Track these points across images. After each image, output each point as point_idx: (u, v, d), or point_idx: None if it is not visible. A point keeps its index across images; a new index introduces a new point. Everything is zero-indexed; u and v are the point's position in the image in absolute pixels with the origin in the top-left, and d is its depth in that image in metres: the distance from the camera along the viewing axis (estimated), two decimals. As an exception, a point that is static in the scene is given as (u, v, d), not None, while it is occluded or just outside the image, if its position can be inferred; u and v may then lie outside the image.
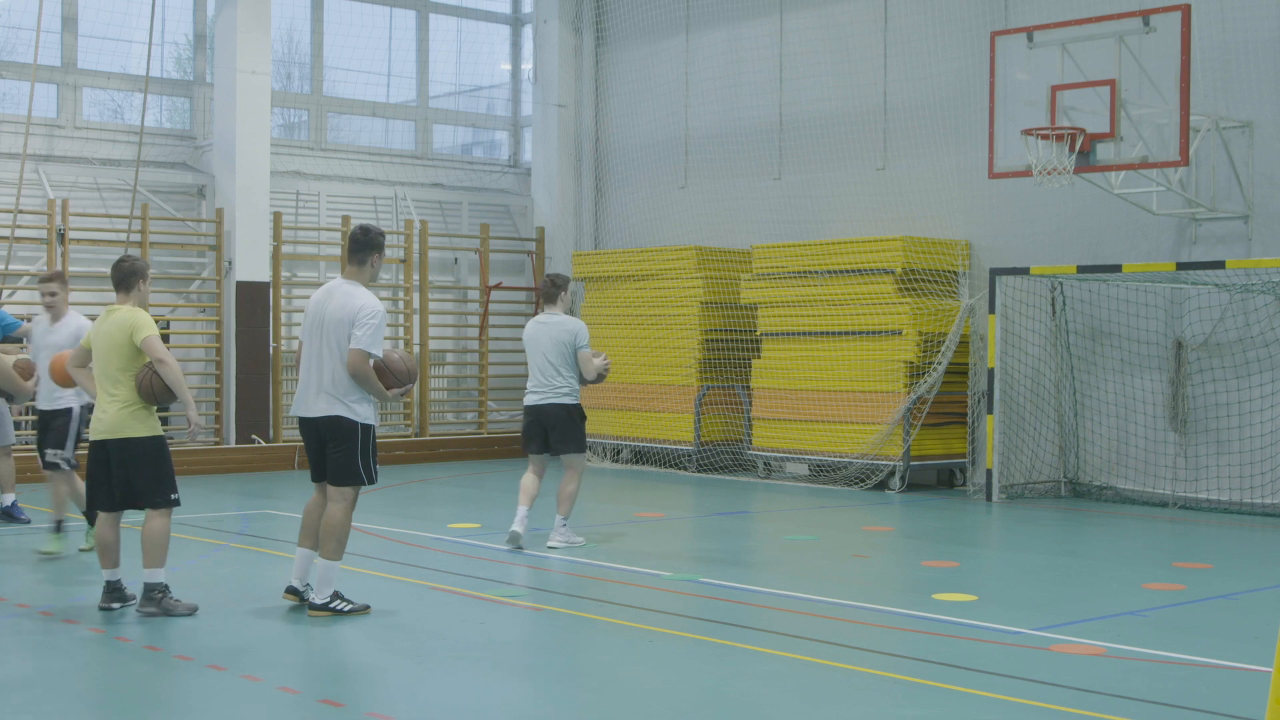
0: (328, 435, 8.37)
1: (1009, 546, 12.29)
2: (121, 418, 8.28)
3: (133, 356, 8.27)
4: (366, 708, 6.42)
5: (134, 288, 8.49)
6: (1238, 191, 13.73)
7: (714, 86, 18.69)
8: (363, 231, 8.57)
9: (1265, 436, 13.53)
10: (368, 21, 19.80)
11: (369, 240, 8.53)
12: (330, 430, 8.34)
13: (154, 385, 8.25)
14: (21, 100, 16.64)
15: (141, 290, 8.54)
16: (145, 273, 8.58)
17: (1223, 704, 6.50)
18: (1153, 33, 12.70)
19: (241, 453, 17.17)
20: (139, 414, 8.32)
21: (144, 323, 8.28)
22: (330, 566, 8.34)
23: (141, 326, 8.25)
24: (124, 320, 8.31)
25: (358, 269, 8.53)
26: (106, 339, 8.32)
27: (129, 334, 8.25)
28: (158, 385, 8.23)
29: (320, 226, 18.56)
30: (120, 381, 8.28)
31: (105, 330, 8.36)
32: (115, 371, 8.29)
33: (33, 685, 6.90)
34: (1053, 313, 15.00)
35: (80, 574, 9.82)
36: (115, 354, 8.28)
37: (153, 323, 8.37)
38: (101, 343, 8.36)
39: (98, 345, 8.40)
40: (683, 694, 6.81)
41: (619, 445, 18.26)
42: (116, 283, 8.46)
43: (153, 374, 8.24)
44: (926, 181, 16.22)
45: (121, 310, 8.39)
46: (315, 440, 8.45)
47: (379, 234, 8.61)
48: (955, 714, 6.36)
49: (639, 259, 18.27)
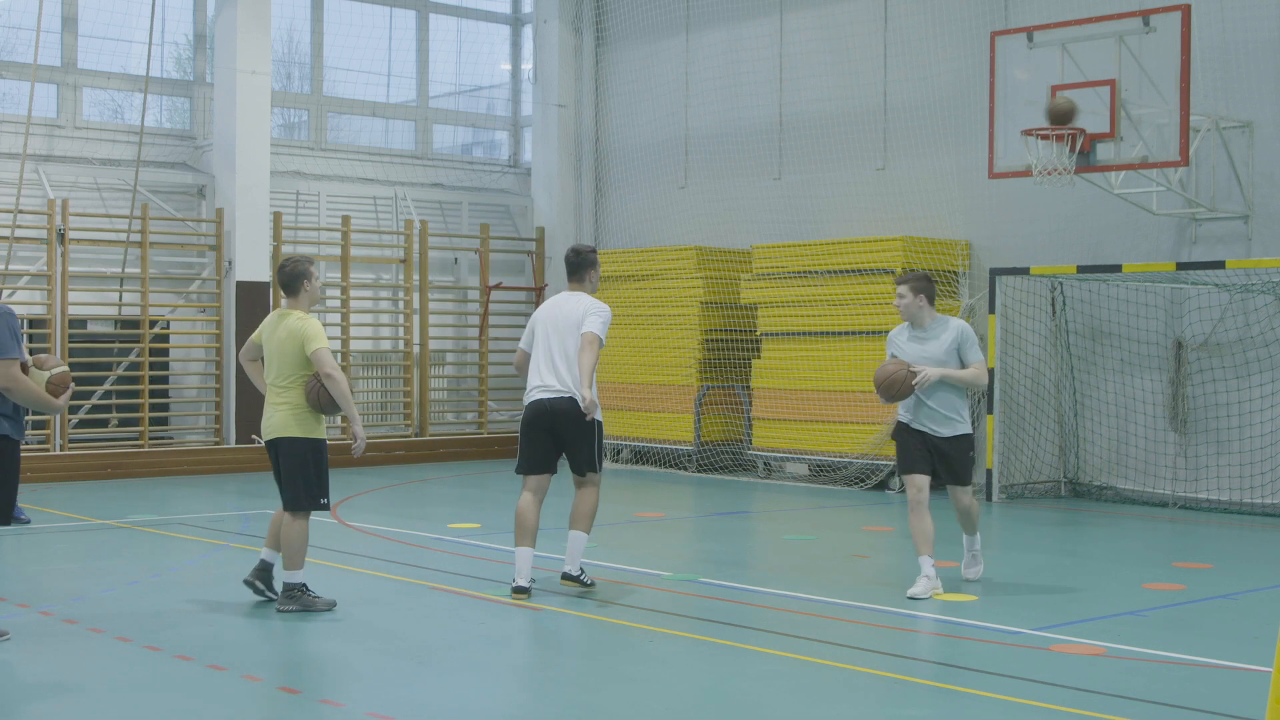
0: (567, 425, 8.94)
1: (1009, 546, 12.29)
2: (287, 419, 8.48)
3: (302, 365, 8.46)
4: (366, 708, 6.42)
5: (300, 290, 8.65)
6: (1238, 191, 13.73)
7: (714, 86, 18.69)
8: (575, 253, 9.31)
9: (1265, 436, 13.53)
10: (368, 21, 19.80)
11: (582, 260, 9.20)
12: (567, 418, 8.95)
13: (321, 397, 8.46)
14: (21, 100, 16.64)
15: (309, 290, 8.68)
16: (310, 273, 8.72)
17: (1223, 704, 6.50)
18: (1153, 33, 12.70)
19: (241, 453, 17.16)
20: (303, 417, 8.49)
21: (315, 334, 8.43)
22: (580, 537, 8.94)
23: (313, 338, 8.41)
24: (296, 328, 8.47)
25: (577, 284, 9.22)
26: (278, 344, 8.51)
27: (300, 343, 8.42)
28: (324, 398, 8.43)
29: (320, 226, 18.56)
30: (289, 386, 8.48)
31: (278, 335, 8.53)
32: (285, 377, 8.49)
33: (32, 686, 6.90)
34: (1053, 313, 15.00)
35: (81, 574, 9.81)
36: (286, 360, 8.48)
37: (323, 333, 8.52)
38: (273, 346, 8.54)
39: (269, 348, 8.57)
40: (683, 694, 6.81)
41: (619, 445, 18.25)
42: (284, 286, 8.65)
43: (321, 386, 8.42)
44: (926, 181, 16.22)
45: (293, 316, 8.55)
46: (547, 429, 8.91)
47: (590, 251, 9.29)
48: (955, 714, 6.36)
49: (639, 259, 18.27)
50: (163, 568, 10.01)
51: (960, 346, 9.15)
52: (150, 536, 11.73)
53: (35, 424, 16.34)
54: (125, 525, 12.11)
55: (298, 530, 8.54)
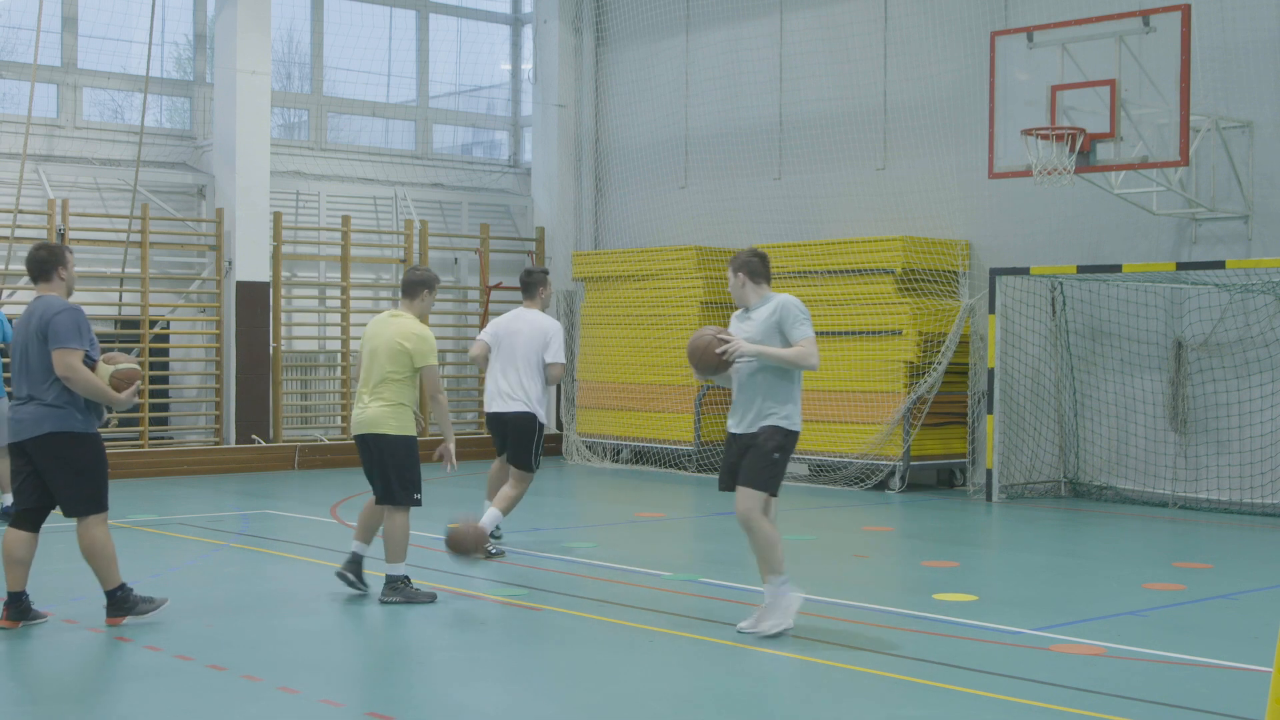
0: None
1: (1009, 546, 12.29)
2: (382, 414, 8.76)
3: (408, 374, 8.79)
4: (366, 708, 6.42)
5: (418, 295, 9.01)
6: (1238, 191, 13.73)
7: (714, 86, 18.69)
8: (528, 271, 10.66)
9: (1265, 436, 13.53)
10: (368, 21, 19.80)
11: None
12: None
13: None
14: (21, 100, 16.64)
15: (425, 300, 9.04)
16: (434, 285, 9.11)
17: (1223, 704, 6.50)
18: (1153, 33, 12.70)
19: (241, 453, 17.17)
20: (398, 412, 8.79)
21: (428, 350, 8.79)
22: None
23: (426, 354, 8.78)
24: (408, 333, 8.76)
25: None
26: (387, 342, 8.75)
27: (410, 355, 8.73)
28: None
29: (320, 226, 18.56)
30: (386, 384, 8.75)
31: (387, 334, 8.77)
32: (384, 376, 8.76)
33: (33, 685, 6.90)
34: (1053, 313, 15.00)
35: (81, 574, 9.80)
36: (390, 361, 8.74)
37: (434, 348, 8.84)
38: (380, 344, 8.77)
39: (375, 344, 8.79)
40: (683, 694, 6.81)
41: (619, 445, 18.26)
42: (405, 288, 9.00)
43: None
44: (926, 181, 16.21)
45: (407, 320, 8.85)
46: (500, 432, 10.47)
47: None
48: (955, 714, 6.36)
49: (639, 259, 18.27)
50: (163, 568, 10.01)
51: (781, 322, 7.91)
52: (150, 536, 11.73)
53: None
54: (125, 525, 12.10)
55: (398, 524, 8.80)
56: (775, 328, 7.87)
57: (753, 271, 8.09)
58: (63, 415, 7.82)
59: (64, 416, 7.82)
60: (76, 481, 7.85)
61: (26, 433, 7.85)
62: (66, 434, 7.82)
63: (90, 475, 7.88)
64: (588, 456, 18.74)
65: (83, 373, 7.80)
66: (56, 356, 7.77)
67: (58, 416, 7.81)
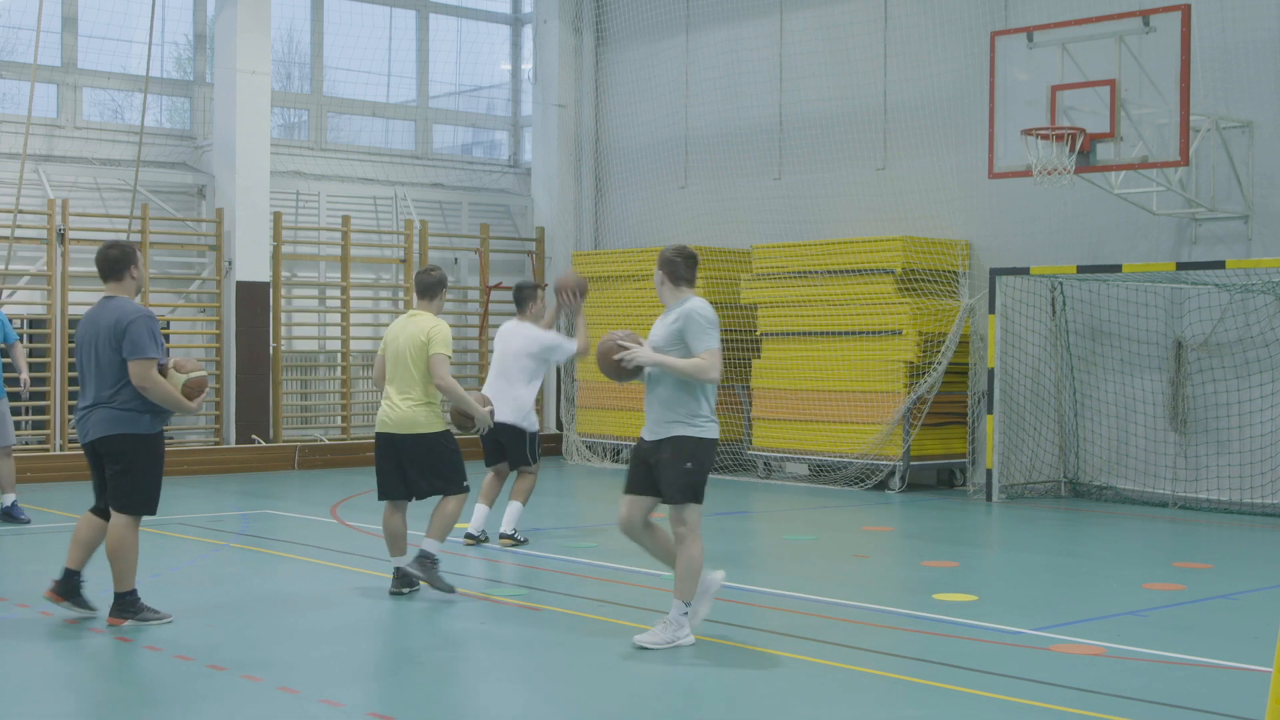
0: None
1: (1009, 546, 12.29)
2: (414, 414, 8.89)
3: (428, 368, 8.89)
4: (366, 708, 6.42)
5: (438, 295, 9.18)
6: (1238, 191, 13.73)
7: (714, 86, 18.69)
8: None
9: (1265, 436, 13.53)
10: (368, 21, 19.80)
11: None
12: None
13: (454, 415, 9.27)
14: (21, 100, 16.64)
15: (442, 300, 9.19)
16: (447, 284, 9.26)
17: (1223, 704, 6.50)
18: (1153, 33, 12.70)
19: (241, 453, 17.17)
20: (429, 410, 8.94)
21: (440, 340, 8.88)
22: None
23: (438, 342, 8.87)
24: (427, 326, 8.91)
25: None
26: (409, 340, 8.92)
27: (425, 346, 8.86)
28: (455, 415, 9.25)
29: (320, 226, 18.56)
30: (413, 384, 8.89)
31: (408, 333, 8.95)
32: (409, 375, 8.89)
33: (33, 685, 6.90)
34: (1053, 313, 15.00)
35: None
36: (413, 359, 8.89)
37: (449, 340, 8.95)
38: (402, 344, 8.93)
39: (398, 346, 8.94)
40: (683, 694, 6.81)
41: (619, 445, 18.25)
42: (425, 289, 9.14)
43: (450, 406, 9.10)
44: (926, 181, 16.21)
45: (425, 319, 9.00)
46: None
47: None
48: (955, 714, 6.36)
49: (639, 259, 18.26)
50: (163, 568, 10.00)
51: (684, 330, 7.60)
52: (150, 536, 11.69)
53: (35, 424, 16.35)
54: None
55: (450, 511, 9.02)
56: (678, 335, 7.57)
57: (674, 272, 7.80)
58: (132, 419, 7.93)
59: (133, 420, 7.93)
60: (132, 481, 7.96)
61: (95, 434, 7.97)
62: (133, 435, 7.95)
63: (146, 477, 7.99)
64: (588, 456, 18.74)
65: (160, 384, 7.91)
66: (133, 367, 7.84)
67: (128, 420, 7.93)
